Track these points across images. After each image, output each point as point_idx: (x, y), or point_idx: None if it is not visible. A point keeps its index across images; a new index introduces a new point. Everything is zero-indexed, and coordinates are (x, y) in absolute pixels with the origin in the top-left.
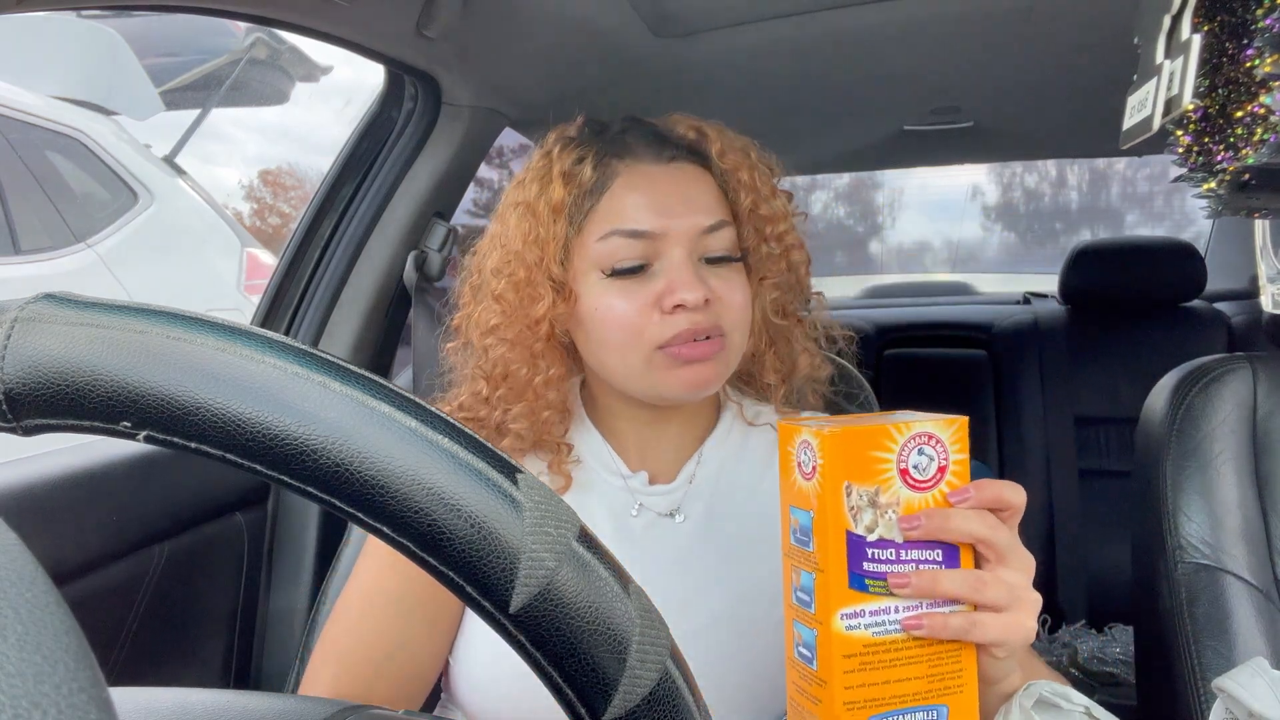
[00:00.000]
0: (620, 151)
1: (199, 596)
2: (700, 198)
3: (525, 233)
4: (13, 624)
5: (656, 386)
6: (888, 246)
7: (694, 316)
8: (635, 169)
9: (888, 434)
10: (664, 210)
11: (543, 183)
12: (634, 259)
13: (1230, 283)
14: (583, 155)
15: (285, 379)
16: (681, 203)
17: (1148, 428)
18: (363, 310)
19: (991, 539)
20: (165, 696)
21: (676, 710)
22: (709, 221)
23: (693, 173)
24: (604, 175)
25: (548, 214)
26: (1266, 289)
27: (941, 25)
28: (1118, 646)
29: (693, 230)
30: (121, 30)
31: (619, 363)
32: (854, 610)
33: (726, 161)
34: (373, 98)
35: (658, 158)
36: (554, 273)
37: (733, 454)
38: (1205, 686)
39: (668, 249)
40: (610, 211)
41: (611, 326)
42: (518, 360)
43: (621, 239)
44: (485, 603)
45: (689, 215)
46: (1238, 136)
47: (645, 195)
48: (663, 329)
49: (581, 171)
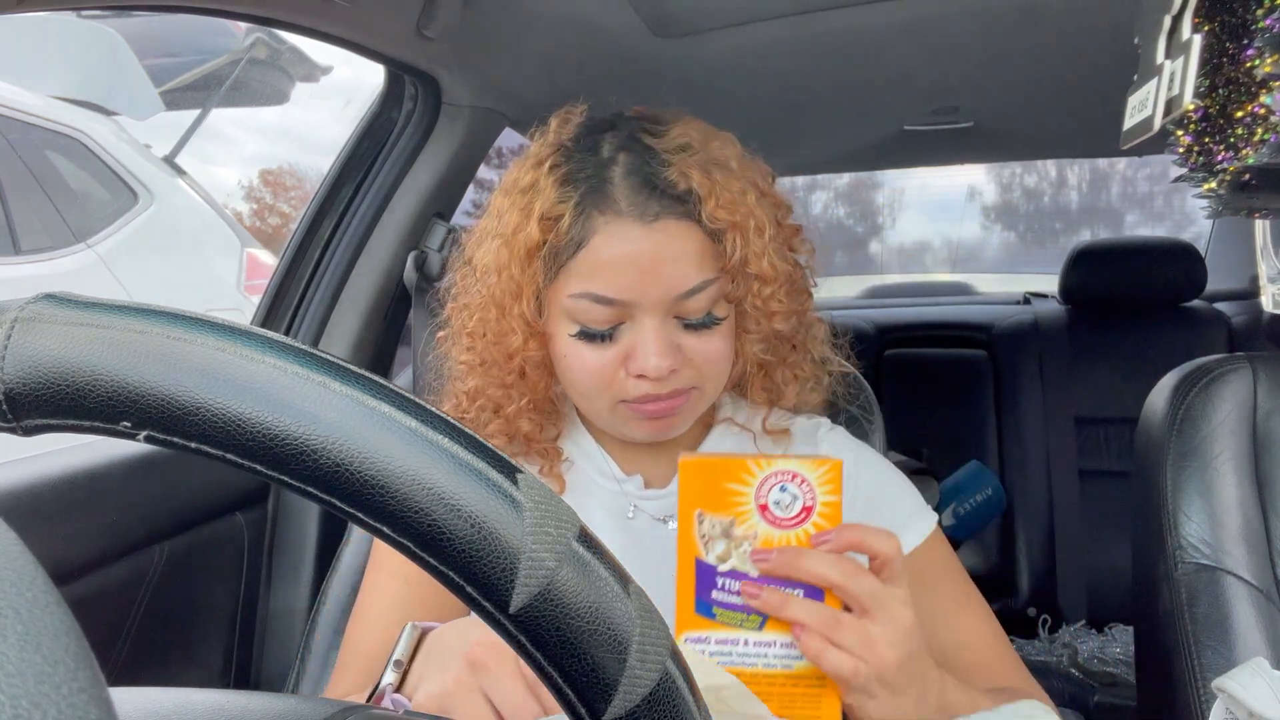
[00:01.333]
0: (603, 203)
1: (199, 596)
2: (682, 259)
3: (501, 268)
4: (13, 624)
5: (621, 431)
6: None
7: (658, 385)
8: (615, 227)
9: (745, 468)
10: (639, 276)
11: (523, 215)
12: (603, 323)
13: (1230, 283)
14: (564, 197)
15: (285, 379)
16: (657, 269)
17: (1148, 428)
18: (363, 310)
19: (847, 586)
20: (165, 696)
21: (676, 710)
22: (686, 287)
23: (677, 230)
24: (583, 229)
25: (523, 255)
26: (1266, 289)
27: (941, 25)
28: (1118, 646)
29: (666, 298)
30: (121, 30)
31: (586, 406)
32: (699, 636)
33: (719, 220)
34: (373, 98)
35: (641, 215)
36: (527, 317)
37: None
38: (1205, 686)
39: (639, 315)
40: (584, 270)
41: (579, 375)
42: (491, 387)
43: (591, 303)
44: (485, 603)
45: (664, 282)
46: (1238, 136)
47: (621, 260)
48: (626, 388)
49: (561, 219)
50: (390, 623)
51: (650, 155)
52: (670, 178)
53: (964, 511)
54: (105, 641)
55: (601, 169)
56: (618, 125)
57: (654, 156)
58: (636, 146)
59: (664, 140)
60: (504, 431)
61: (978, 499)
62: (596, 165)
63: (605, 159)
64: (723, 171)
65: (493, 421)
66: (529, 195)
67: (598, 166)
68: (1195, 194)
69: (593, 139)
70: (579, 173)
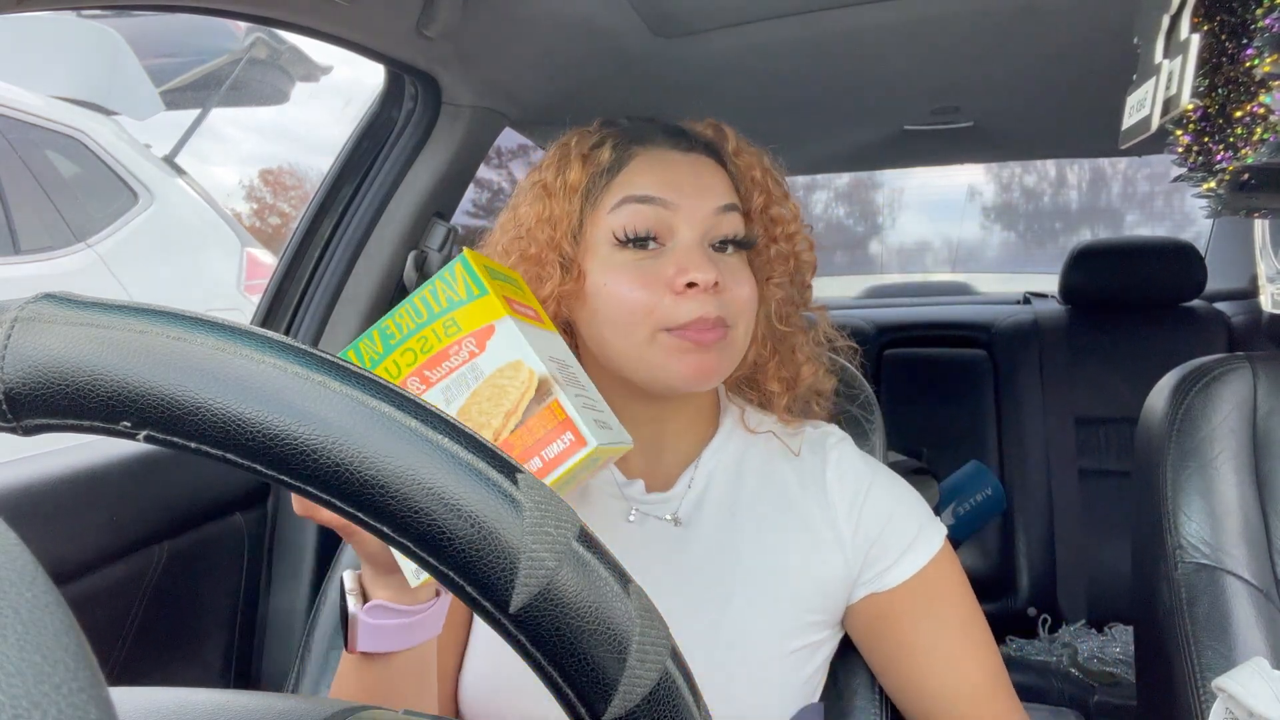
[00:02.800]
0: (639, 137)
1: (199, 596)
2: (714, 184)
3: (539, 213)
4: (13, 624)
5: (656, 371)
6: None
7: (704, 302)
8: (652, 152)
9: None
10: (678, 187)
11: (560, 166)
12: (645, 227)
13: (1230, 283)
14: (602, 139)
15: (285, 379)
16: (695, 184)
17: (1148, 428)
18: (363, 310)
19: None
20: (165, 696)
21: (676, 710)
22: (721, 202)
23: (708, 164)
24: (621, 156)
25: (563, 193)
26: (1266, 289)
27: (941, 25)
28: (1118, 646)
29: (705, 211)
30: (121, 30)
31: (622, 342)
32: None
33: (741, 160)
34: (373, 98)
35: (675, 146)
36: (564, 249)
37: (732, 462)
38: (1205, 686)
39: (680, 227)
40: (625, 184)
41: (619, 302)
42: None
43: (634, 205)
44: (485, 603)
45: (701, 196)
46: (1237, 136)
47: (661, 174)
48: (673, 311)
49: (600, 154)
50: None
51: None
52: (698, 129)
53: (964, 511)
54: (105, 641)
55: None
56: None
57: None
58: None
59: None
60: None
61: (978, 499)
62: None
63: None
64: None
65: None
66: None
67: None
68: (1195, 194)
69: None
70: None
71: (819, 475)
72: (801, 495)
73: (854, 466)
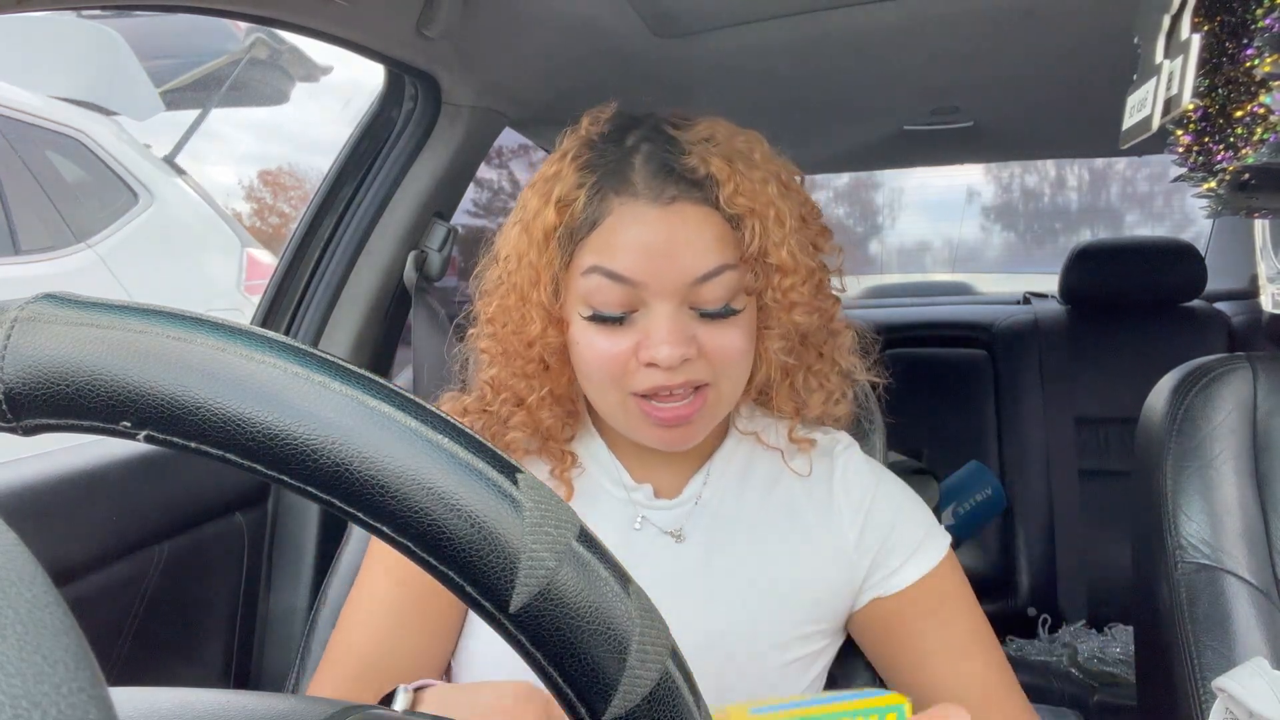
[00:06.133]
0: (619, 185)
1: (199, 596)
2: (697, 242)
3: (521, 252)
4: (13, 624)
5: (631, 431)
6: (888, 246)
7: (671, 374)
8: (630, 208)
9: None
10: (651, 258)
11: (542, 200)
12: (615, 306)
13: (1230, 283)
14: (583, 180)
15: (285, 379)
16: (671, 251)
17: (1148, 428)
18: (363, 310)
19: None
20: (165, 696)
21: (676, 710)
22: (700, 271)
23: (693, 215)
24: (597, 209)
25: (540, 238)
26: (1266, 289)
27: (941, 25)
28: (1118, 646)
29: (679, 282)
30: (121, 30)
31: (599, 399)
32: None
33: (737, 205)
34: (373, 98)
35: (657, 198)
36: (545, 301)
37: (739, 472)
38: (1205, 686)
39: (652, 300)
40: (597, 246)
41: (589, 364)
42: (512, 378)
43: (602, 278)
44: (485, 603)
45: (677, 265)
46: (1237, 136)
47: (634, 239)
48: (637, 378)
49: (576, 201)
50: (383, 624)
51: (671, 144)
52: (689, 164)
53: (964, 511)
54: (105, 641)
55: (623, 157)
56: (645, 121)
57: (675, 145)
58: (659, 137)
59: (688, 132)
60: (527, 424)
61: (978, 499)
62: (618, 154)
63: (628, 148)
64: (745, 162)
65: (515, 414)
66: (551, 183)
67: (619, 155)
68: (1195, 194)
69: (619, 132)
70: (600, 160)
71: (825, 483)
72: (807, 504)
73: (860, 472)
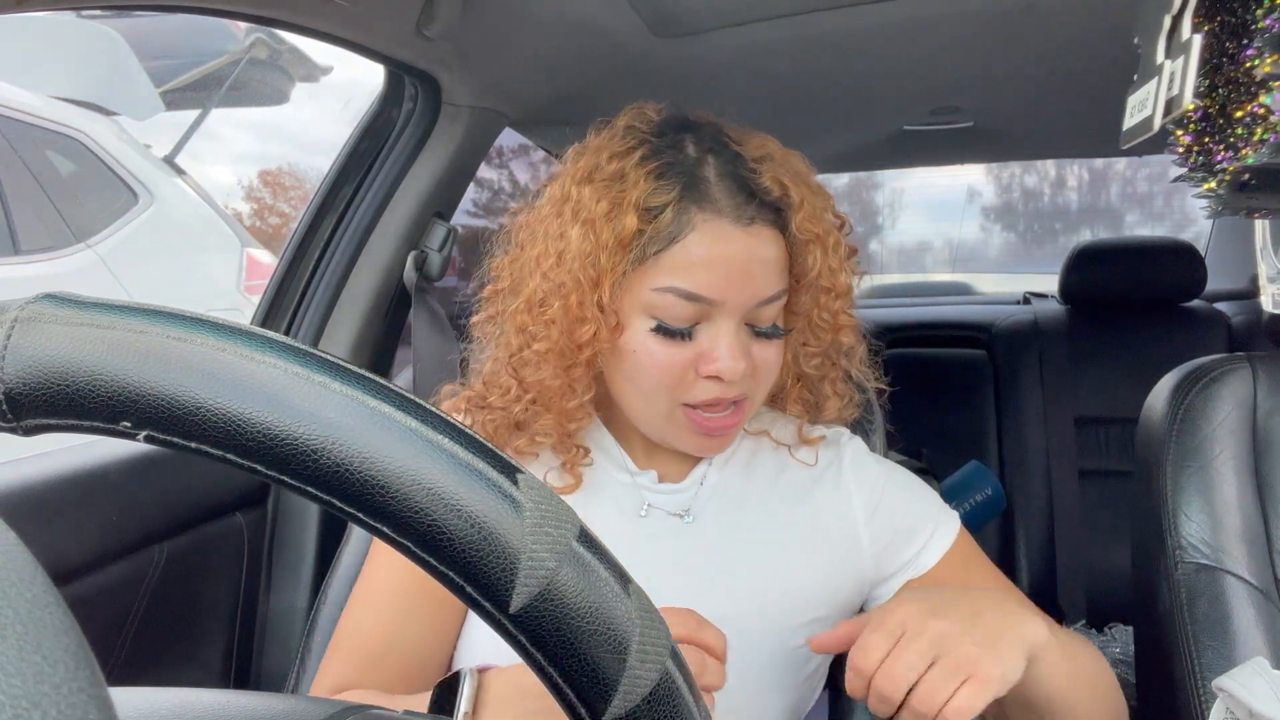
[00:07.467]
0: (701, 199)
1: (199, 596)
2: (768, 266)
3: (585, 253)
4: (12, 624)
5: (668, 437)
6: (888, 246)
7: (727, 387)
8: (713, 225)
9: None
10: (730, 278)
11: (614, 203)
12: (684, 321)
13: (1230, 283)
14: (662, 188)
15: (285, 379)
16: (748, 273)
17: (1148, 428)
18: (363, 310)
19: None
20: (165, 696)
21: (676, 710)
22: (768, 293)
23: (767, 237)
24: (681, 223)
25: (613, 243)
26: (1266, 289)
27: (941, 25)
28: (1118, 646)
29: (749, 304)
30: (121, 30)
31: (643, 405)
32: None
33: (806, 232)
34: (373, 98)
35: (738, 217)
36: (604, 302)
37: (744, 460)
38: (1205, 686)
39: (719, 316)
40: (676, 265)
41: (645, 373)
42: (554, 380)
43: (677, 298)
44: (485, 603)
45: (751, 286)
46: (1238, 136)
47: (716, 260)
48: (694, 391)
49: (661, 213)
50: (392, 610)
51: (738, 160)
52: (764, 184)
53: (964, 511)
54: (105, 641)
55: (694, 167)
56: (691, 127)
57: (742, 162)
58: (723, 150)
59: (747, 148)
60: (556, 429)
61: (977, 499)
62: (687, 162)
63: (694, 158)
64: (808, 187)
65: (543, 416)
66: (620, 184)
67: (689, 164)
68: (1195, 194)
69: (672, 136)
70: (671, 169)
71: (835, 471)
72: (815, 491)
73: (870, 460)
